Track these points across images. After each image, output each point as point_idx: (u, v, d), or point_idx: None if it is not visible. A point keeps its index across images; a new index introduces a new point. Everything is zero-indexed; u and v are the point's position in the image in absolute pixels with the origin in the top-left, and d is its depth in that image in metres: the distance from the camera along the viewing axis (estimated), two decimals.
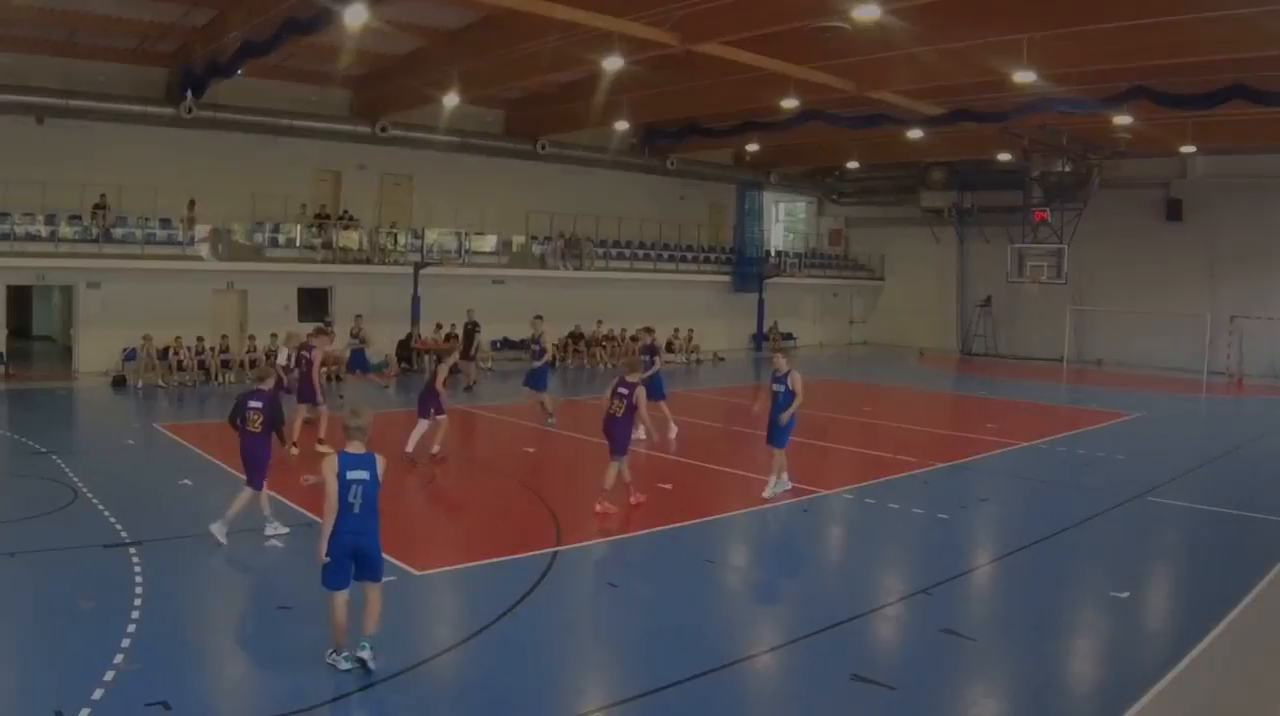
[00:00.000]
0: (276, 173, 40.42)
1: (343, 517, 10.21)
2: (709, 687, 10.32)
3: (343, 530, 10.21)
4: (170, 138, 37.42)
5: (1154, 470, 23.04)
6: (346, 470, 10.29)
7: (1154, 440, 28.65)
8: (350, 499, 10.23)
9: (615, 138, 46.32)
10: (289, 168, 41.00)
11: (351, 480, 10.26)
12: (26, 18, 31.64)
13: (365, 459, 10.44)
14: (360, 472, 10.32)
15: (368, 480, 10.33)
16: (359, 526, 10.26)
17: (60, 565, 13.66)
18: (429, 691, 10.31)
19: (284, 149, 40.53)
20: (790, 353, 51.64)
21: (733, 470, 20.48)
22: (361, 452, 10.49)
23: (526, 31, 30.42)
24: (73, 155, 36.05)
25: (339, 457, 10.38)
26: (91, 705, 9.24)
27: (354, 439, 10.57)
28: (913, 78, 32.89)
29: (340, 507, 10.20)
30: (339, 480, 10.22)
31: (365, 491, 10.29)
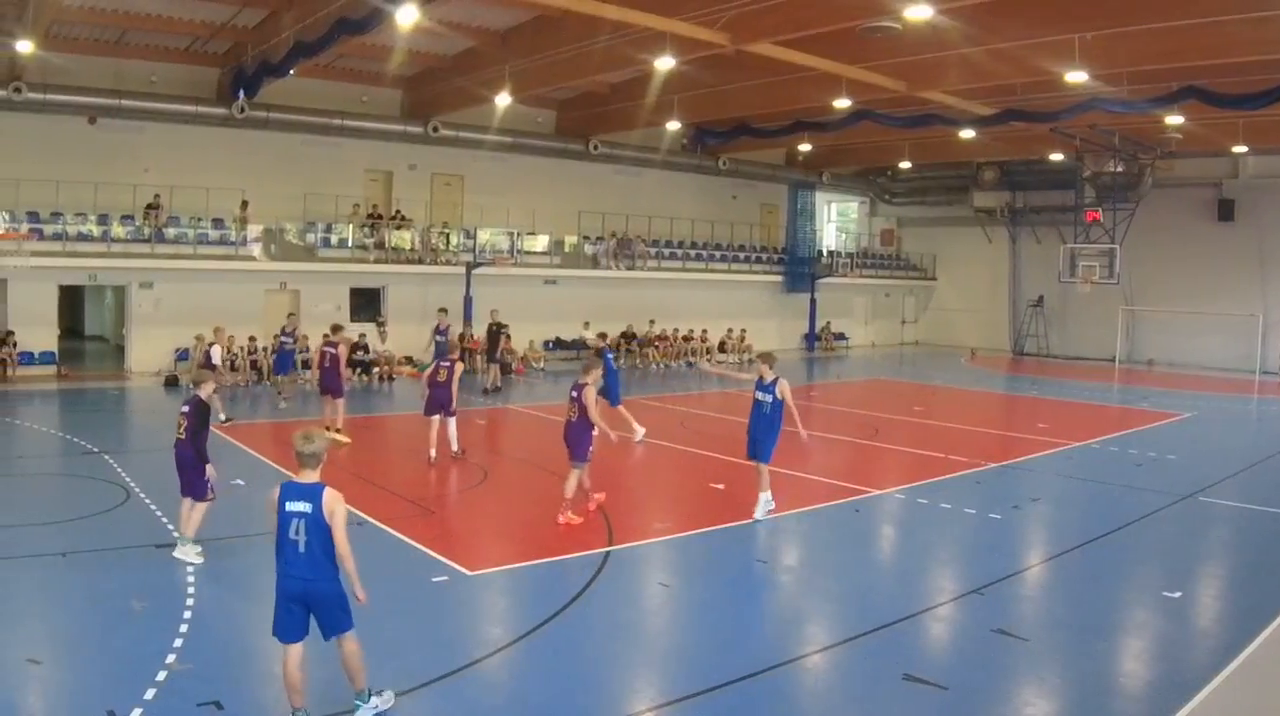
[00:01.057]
0: (328, 173, 40.63)
1: (289, 560, 8.92)
2: (761, 687, 10.31)
3: (287, 573, 8.94)
4: (222, 138, 37.72)
5: (1206, 470, 22.92)
6: (285, 501, 8.97)
7: (1206, 440, 28.46)
8: (293, 536, 8.87)
9: (666, 137, 46.31)
10: (340, 168, 41.20)
11: (291, 513, 8.89)
12: (78, 18, 31.87)
13: (310, 490, 8.97)
14: (302, 505, 8.90)
15: (310, 514, 8.86)
16: (308, 570, 8.90)
17: (112, 565, 13.71)
18: (481, 691, 10.29)
19: (335, 149, 40.80)
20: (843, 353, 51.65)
21: (785, 470, 20.48)
22: (310, 483, 9.04)
23: (577, 31, 30.54)
24: (125, 155, 36.39)
25: (280, 488, 9.10)
26: (144, 705, 9.28)
27: (305, 467, 9.11)
28: (964, 78, 32.84)
29: (284, 547, 8.93)
30: (278, 512, 8.96)
31: (309, 527, 8.86)
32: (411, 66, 39.43)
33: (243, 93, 36.29)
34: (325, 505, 8.88)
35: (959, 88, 34.85)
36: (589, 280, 46.76)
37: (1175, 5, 25.46)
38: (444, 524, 16.44)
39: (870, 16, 26.63)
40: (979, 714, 9.91)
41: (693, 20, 27.76)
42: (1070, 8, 26.88)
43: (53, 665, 10.45)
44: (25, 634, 11.26)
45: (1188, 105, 33.89)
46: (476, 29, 34.46)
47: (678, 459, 23.46)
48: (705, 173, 52.93)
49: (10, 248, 29.84)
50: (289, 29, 30.86)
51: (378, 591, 12.55)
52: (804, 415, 20.03)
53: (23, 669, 10.25)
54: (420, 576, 13.53)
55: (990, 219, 58.36)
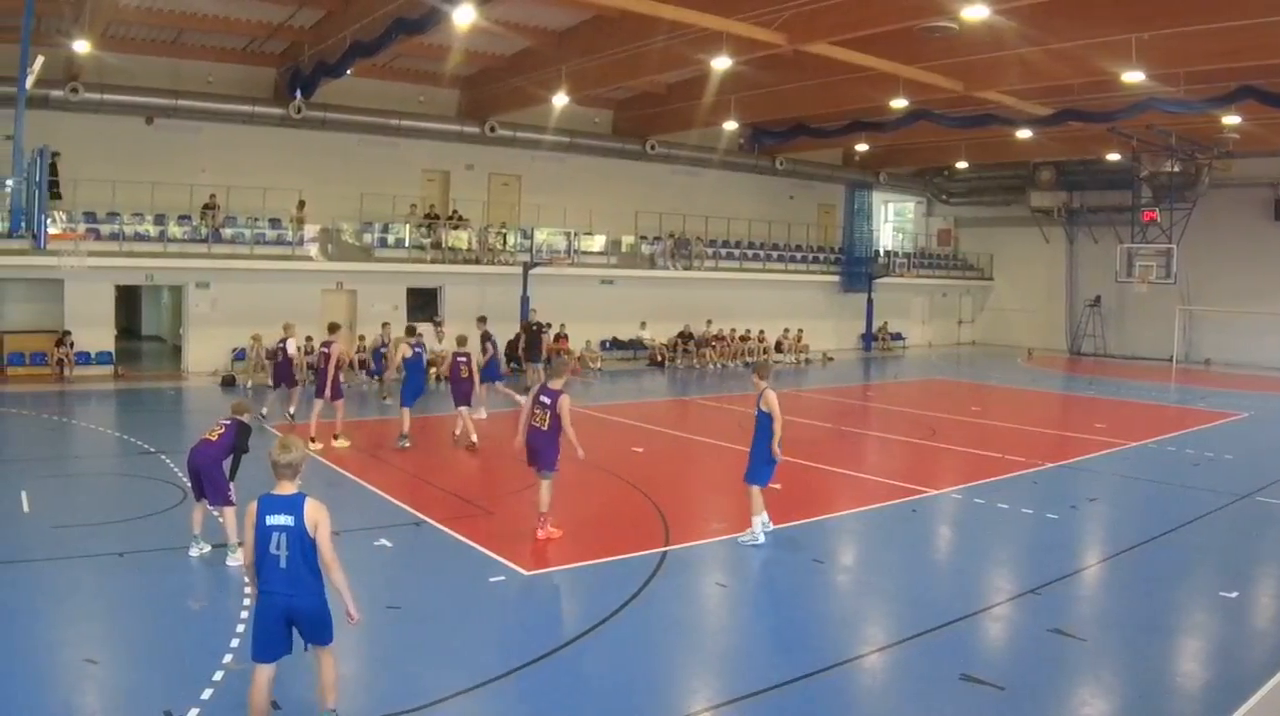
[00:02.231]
0: (385, 172, 40.78)
1: (270, 575, 8.47)
2: (819, 687, 10.32)
3: (270, 590, 8.50)
4: (279, 138, 37.95)
5: (1263, 470, 22.76)
6: (265, 515, 8.52)
7: (1263, 440, 28.27)
8: (273, 550, 8.45)
9: (724, 137, 46.36)
10: (397, 167, 41.36)
11: (272, 527, 8.47)
12: (135, 18, 32.06)
13: (291, 502, 8.58)
14: (283, 518, 8.49)
15: (292, 527, 8.47)
16: (290, 585, 8.47)
17: (169, 565, 13.79)
18: (538, 691, 10.26)
19: (392, 149, 40.97)
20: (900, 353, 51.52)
21: (841, 470, 20.43)
22: (289, 494, 8.63)
23: (635, 31, 30.60)
24: (182, 155, 36.62)
25: (258, 501, 8.62)
26: (200, 705, 9.32)
27: (282, 478, 8.67)
28: (1021, 78, 32.80)
29: (265, 562, 8.49)
30: (257, 528, 8.51)
31: (291, 541, 8.46)
32: (469, 66, 39.50)
33: (299, 93, 36.51)
34: (308, 517, 8.51)
35: (1016, 88, 34.80)
36: (646, 280, 46.80)
37: (1232, 5, 25.34)
38: (501, 524, 16.44)
39: (928, 16, 26.62)
40: (1036, 713, 9.87)
41: (750, 20, 27.78)
42: (1128, 8, 26.79)
43: (110, 665, 10.50)
44: (83, 634, 11.32)
45: (1245, 105, 33.80)
46: (534, 29, 34.51)
47: (734, 459, 23.24)
48: (762, 172, 52.90)
49: (67, 248, 29.78)
50: (346, 29, 31.04)
51: (435, 591, 12.71)
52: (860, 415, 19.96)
53: (80, 669, 10.32)
54: (478, 576, 13.55)
55: (1047, 219, 58.13)
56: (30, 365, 33.55)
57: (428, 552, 14.98)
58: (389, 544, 15.10)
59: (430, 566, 14.31)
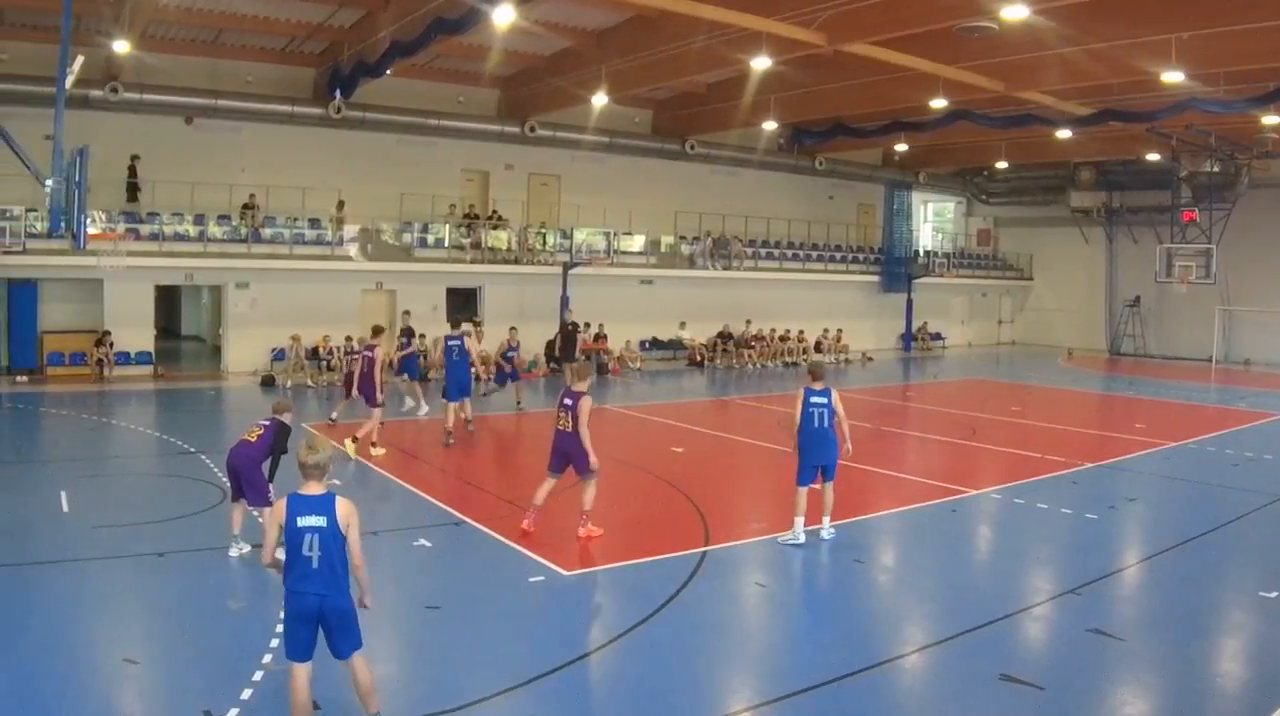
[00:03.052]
0: (424, 172, 40.88)
1: (299, 576, 8.48)
2: (858, 687, 10.31)
3: (301, 590, 8.49)
4: (318, 138, 38.08)
5: None
6: (296, 516, 8.51)
7: None
8: (305, 551, 8.45)
9: (763, 137, 46.17)
10: (437, 167, 41.46)
11: (304, 527, 8.46)
12: (175, 18, 32.20)
13: (322, 502, 8.59)
14: (315, 518, 8.50)
15: (324, 527, 8.48)
16: (322, 585, 8.47)
17: (209, 565, 13.83)
18: (577, 691, 10.32)
19: (432, 149, 41.12)
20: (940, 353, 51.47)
21: (881, 470, 20.40)
22: (319, 494, 8.63)
23: (674, 31, 30.65)
24: (221, 155, 36.81)
25: (287, 500, 8.64)
26: (240, 704, 9.35)
27: (310, 478, 8.64)
28: (1061, 78, 32.72)
29: (296, 563, 8.49)
30: (287, 529, 8.53)
31: (323, 541, 8.47)
32: (508, 66, 39.60)
33: (339, 93, 36.59)
34: (340, 517, 8.55)
35: (1056, 88, 34.71)
36: (685, 280, 46.78)
37: (1273, 4, 25.16)
38: (541, 524, 16.28)
39: (967, 16, 26.60)
40: (1075, 713, 9.84)
41: (790, 20, 27.80)
42: (1168, 8, 26.74)
43: (149, 665, 10.53)
44: (122, 634, 11.40)
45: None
46: (573, 29, 34.59)
47: (774, 459, 23.28)
48: (802, 172, 52.90)
49: (107, 248, 29.95)
50: (386, 29, 31.16)
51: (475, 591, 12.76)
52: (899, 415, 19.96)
53: (120, 669, 10.37)
54: (517, 576, 13.57)
55: (1087, 219, 58.00)
56: (70, 365, 33.69)
57: (467, 552, 15.00)
58: (428, 543, 15.13)
59: (470, 566, 14.32)
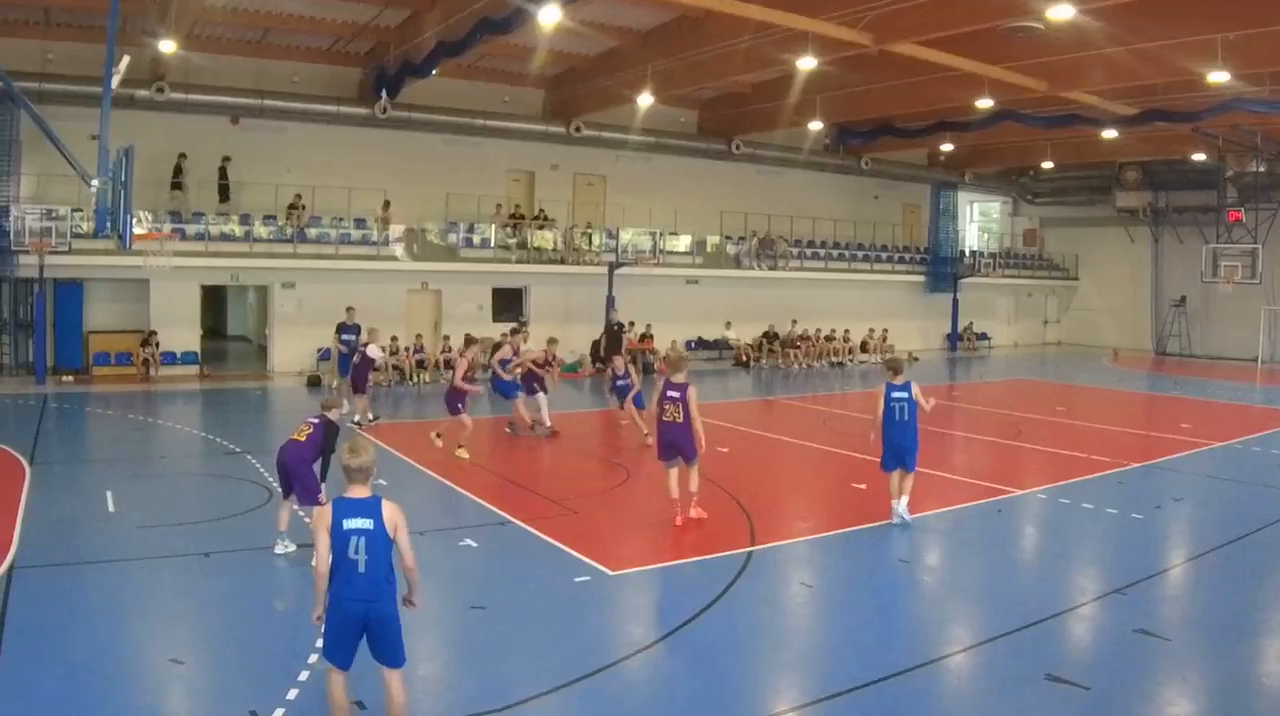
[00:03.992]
0: (470, 173, 40.99)
1: (347, 580, 8.28)
2: (904, 688, 10.28)
3: (347, 596, 8.29)
4: (364, 138, 38.23)
5: None
6: (342, 519, 8.32)
7: None
8: (352, 555, 8.25)
9: (808, 137, 46.19)
10: (482, 168, 41.60)
11: (350, 531, 8.27)
12: (220, 18, 32.38)
13: (368, 505, 8.40)
14: (362, 521, 8.30)
15: (371, 530, 8.28)
16: (369, 591, 8.29)
17: (255, 565, 13.91)
18: (623, 691, 10.31)
19: (477, 149, 41.22)
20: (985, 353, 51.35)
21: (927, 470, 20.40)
22: (365, 497, 8.45)
23: (720, 31, 30.69)
24: (267, 155, 37.02)
25: (333, 505, 8.48)
26: (285, 705, 9.37)
27: (354, 482, 8.47)
28: (1106, 78, 32.66)
29: (342, 567, 8.30)
30: (333, 532, 8.29)
31: (371, 544, 8.27)
32: (554, 66, 39.68)
33: (385, 93, 36.76)
34: (387, 519, 8.35)
35: (1101, 88, 34.63)
36: (731, 280, 46.82)
37: None
38: (586, 524, 16.50)
39: (1012, 16, 26.64)
40: (1121, 714, 9.82)
41: (835, 20, 27.78)
42: (1213, 8, 26.63)
43: (195, 665, 10.56)
44: (168, 634, 11.43)
45: None
46: (618, 29, 34.64)
47: (820, 459, 23.49)
48: (847, 172, 52.89)
49: (153, 248, 29.91)
50: (431, 29, 31.27)
51: (520, 591, 12.77)
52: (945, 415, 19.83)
53: (166, 669, 10.38)
54: (563, 576, 13.55)
55: (1132, 219, 57.76)
56: (116, 365, 33.86)
57: (513, 552, 14.99)
58: (474, 544, 15.14)
59: (515, 566, 14.31)
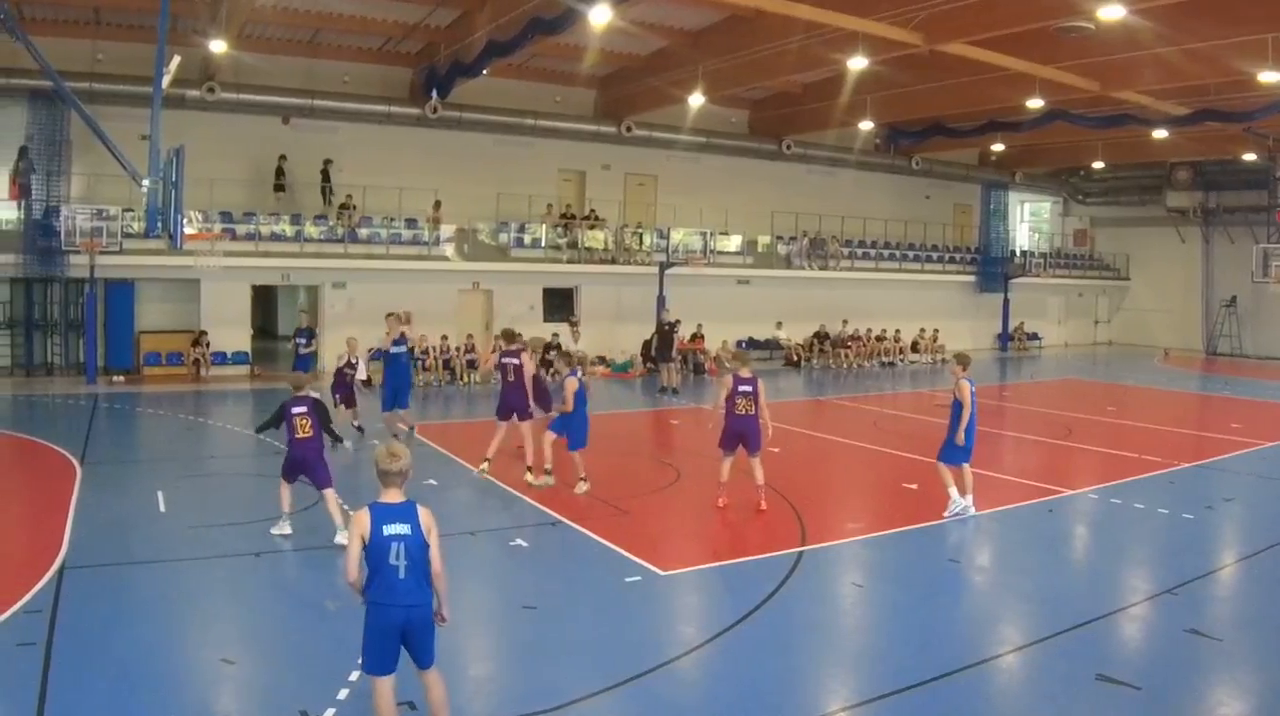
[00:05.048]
0: (521, 172, 41.10)
1: (387, 587, 8.21)
2: (954, 688, 10.29)
3: (387, 602, 8.23)
4: (414, 138, 38.42)
5: None
6: (381, 525, 8.23)
7: None
8: (393, 561, 8.18)
9: (859, 137, 46.24)
10: (533, 167, 41.69)
11: (390, 537, 8.19)
12: (271, 18, 32.66)
13: (404, 510, 8.34)
14: (400, 526, 8.24)
15: (410, 536, 8.23)
16: (410, 596, 8.25)
17: (305, 564, 14.10)
18: (675, 690, 10.32)
19: (528, 148, 41.35)
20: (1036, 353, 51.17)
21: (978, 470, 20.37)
22: (401, 502, 8.37)
23: (771, 31, 30.74)
24: (318, 155, 37.24)
25: (369, 510, 8.30)
26: (336, 705, 9.45)
27: (390, 486, 8.38)
28: (1157, 78, 32.58)
29: (382, 573, 8.21)
30: (372, 538, 8.19)
31: (409, 549, 8.21)
32: (605, 66, 39.81)
33: (435, 93, 36.88)
34: (424, 524, 8.32)
35: (1152, 88, 34.55)
36: (782, 280, 46.84)
37: None
38: (637, 524, 16.56)
39: (1063, 16, 26.60)
40: (1173, 714, 9.83)
41: (886, 20, 27.84)
42: (1265, 7, 26.47)
43: (246, 665, 10.64)
44: (219, 634, 11.50)
45: None
46: (669, 29, 34.73)
47: (871, 459, 23.53)
48: (898, 172, 52.83)
49: (203, 248, 30.16)
50: (482, 29, 31.38)
51: (571, 591, 12.86)
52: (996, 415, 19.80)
53: (217, 669, 10.46)
54: (614, 576, 13.59)
55: (1183, 219, 57.54)
56: (167, 365, 34.13)
57: (563, 552, 15.06)
58: (524, 544, 15.23)
59: (566, 566, 14.37)
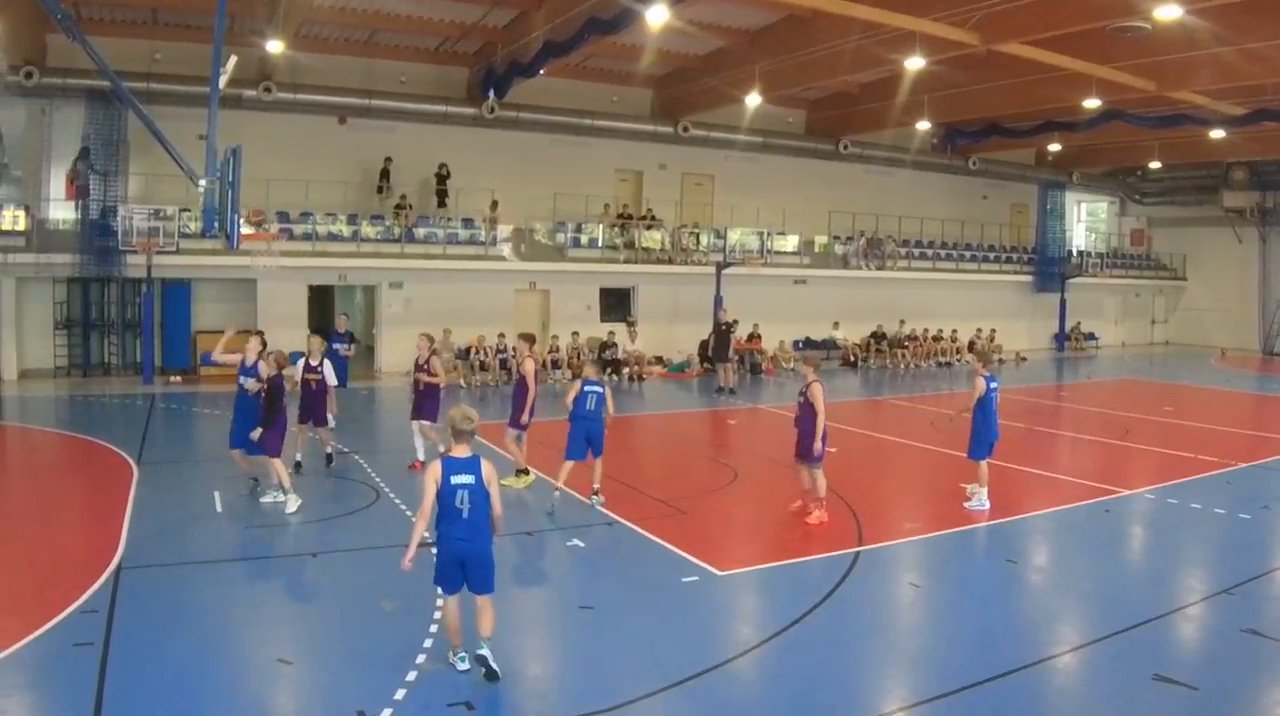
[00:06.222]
0: (578, 172, 41.23)
1: (451, 523, 10.06)
2: (1011, 687, 10.29)
3: (451, 536, 10.08)
4: (471, 138, 38.54)
5: None
6: (450, 475, 10.08)
7: None
8: (457, 504, 10.04)
9: (916, 137, 46.32)
10: (590, 167, 41.82)
11: (457, 485, 10.04)
12: (328, 18, 32.83)
13: (471, 463, 10.16)
14: (465, 477, 10.08)
15: (473, 485, 10.08)
16: (468, 533, 10.09)
17: (363, 565, 14.07)
18: (731, 690, 10.33)
19: (585, 149, 41.43)
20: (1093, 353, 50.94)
21: (1035, 470, 20.28)
22: (469, 457, 10.21)
23: (827, 31, 30.84)
24: (375, 155, 37.33)
25: (442, 462, 10.21)
26: (394, 705, 9.44)
27: (461, 442, 10.29)
28: (1214, 78, 32.44)
29: (449, 514, 10.06)
30: (443, 485, 10.05)
31: (472, 496, 10.07)
32: (662, 66, 39.87)
33: (492, 92, 37.04)
34: (485, 475, 10.15)
35: (1209, 88, 34.43)
36: (839, 280, 46.70)
37: None
38: (694, 524, 16.57)
39: (1120, 16, 26.65)
40: (1230, 714, 9.83)
41: (943, 20, 27.90)
42: None
43: (303, 665, 10.70)
44: (276, 634, 11.58)
45: None
46: (726, 29, 34.77)
47: (928, 459, 23.52)
48: (955, 172, 52.71)
49: (260, 248, 30.04)
50: (539, 29, 31.58)
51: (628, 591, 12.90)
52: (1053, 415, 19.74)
53: (274, 669, 10.54)
54: (671, 576, 13.60)
55: (1240, 219, 57.28)
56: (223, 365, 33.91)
57: (621, 553, 15.09)
58: (581, 544, 15.26)
59: (623, 566, 14.40)
